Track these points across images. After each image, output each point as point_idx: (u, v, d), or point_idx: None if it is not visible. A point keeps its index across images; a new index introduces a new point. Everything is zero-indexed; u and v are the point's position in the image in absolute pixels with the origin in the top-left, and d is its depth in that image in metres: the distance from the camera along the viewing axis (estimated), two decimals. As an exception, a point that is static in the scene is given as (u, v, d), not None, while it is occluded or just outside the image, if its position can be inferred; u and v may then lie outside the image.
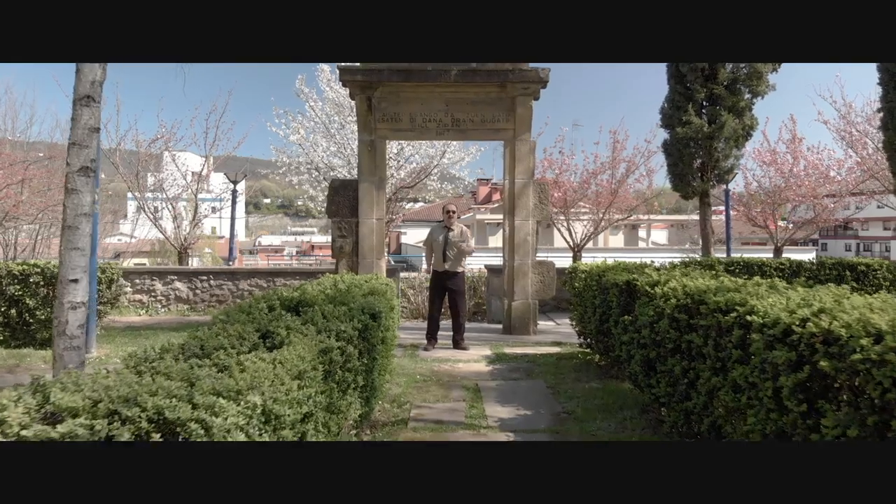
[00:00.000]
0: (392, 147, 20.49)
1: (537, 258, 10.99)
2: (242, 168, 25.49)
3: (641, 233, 49.35)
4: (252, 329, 4.18)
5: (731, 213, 34.30)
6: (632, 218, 25.30)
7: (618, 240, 45.70)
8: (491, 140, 11.08)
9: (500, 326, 11.64)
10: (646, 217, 34.53)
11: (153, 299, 14.38)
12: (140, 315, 14.06)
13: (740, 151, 13.50)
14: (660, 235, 54.91)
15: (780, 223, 23.86)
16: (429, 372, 7.74)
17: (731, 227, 22.51)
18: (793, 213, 24.25)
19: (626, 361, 5.76)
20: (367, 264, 10.71)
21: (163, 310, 14.33)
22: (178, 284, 14.37)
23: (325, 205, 11.83)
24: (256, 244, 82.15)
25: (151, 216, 20.43)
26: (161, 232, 20.86)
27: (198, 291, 14.35)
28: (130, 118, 45.37)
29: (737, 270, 9.95)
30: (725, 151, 13.13)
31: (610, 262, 8.06)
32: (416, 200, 46.11)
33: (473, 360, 8.49)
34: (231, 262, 21.55)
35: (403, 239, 54.87)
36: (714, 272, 5.34)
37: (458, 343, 9.35)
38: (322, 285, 6.53)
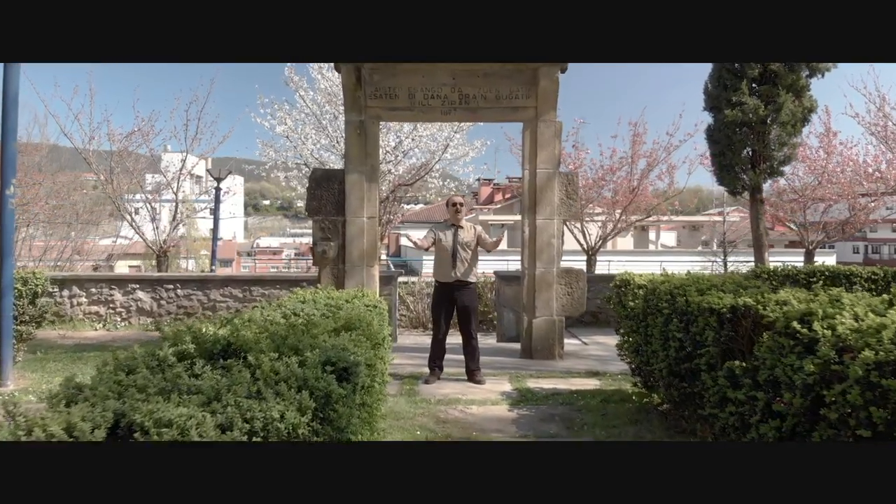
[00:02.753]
0: (389, 139, 18.54)
1: (562, 265, 9.02)
2: (228, 166, 23.43)
3: (651, 234, 47.31)
4: (108, 411, 2.24)
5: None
6: (651, 218, 23.29)
7: (626, 242, 43.64)
8: (507, 121, 9.11)
9: (516, 346, 9.66)
10: (665, 218, 32.55)
11: (112, 311, 12.40)
12: (97, 330, 12.09)
13: (797, 139, 11.46)
14: (668, 237, 52.90)
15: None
16: (433, 422, 5.74)
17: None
18: (825, 213, 22.26)
19: (739, 429, 3.77)
20: (355, 273, 8.74)
21: (123, 323, 12.35)
22: (140, 294, 12.38)
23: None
24: (255, 246, 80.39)
25: (128, 216, 18.64)
26: (139, 234, 19.16)
27: (163, 302, 12.36)
28: (104, 109, 39.10)
29: (820, 283, 7.98)
30: (781, 138, 11.10)
31: (671, 270, 6.11)
32: (417, 201, 44.15)
33: (490, 400, 6.50)
34: (214, 268, 19.60)
35: (403, 241, 52.92)
36: (889, 298, 3.36)
37: (473, 374, 7.34)
38: (281, 310, 4.55)
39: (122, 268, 34.66)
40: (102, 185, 18.43)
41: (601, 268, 23.88)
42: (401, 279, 15.72)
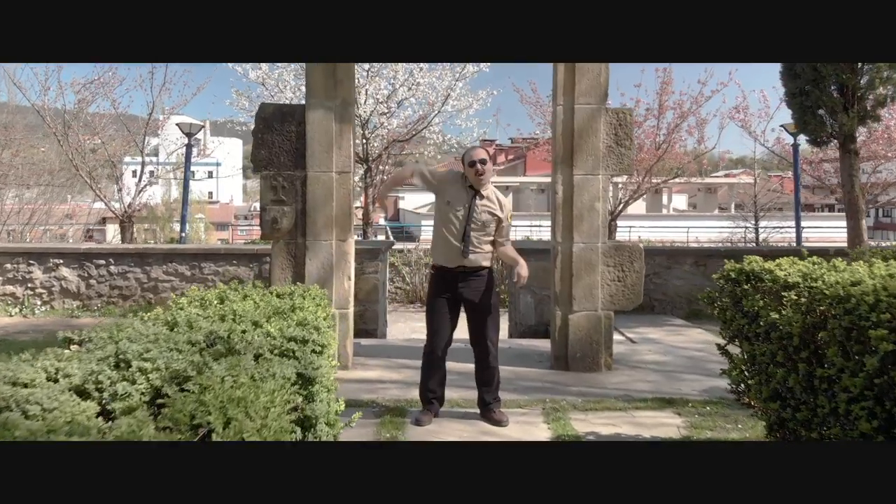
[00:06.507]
0: (380, 86, 15.99)
1: (610, 238, 6.52)
2: (196, 126, 20.89)
3: (663, 198, 44.54)
4: None
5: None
6: (679, 180, 20.71)
7: (639, 206, 40.91)
8: (534, 35, 6.49)
9: (540, 346, 7.21)
10: (682, 180, 29.88)
11: (30, 292, 9.92)
12: (11, 316, 9.64)
13: (899, 75, 8.72)
14: (679, 201, 50.18)
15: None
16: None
17: (800, 191, 18.16)
18: (873, 174, 19.74)
19: None
20: (320, 250, 6.22)
21: (43, 307, 9.87)
22: (64, 272, 9.88)
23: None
24: (252, 209, 78.12)
25: (88, 178, 16.33)
26: (100, 198, 17.01)
27: (92, 282, 9.86)
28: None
29: None
30: (880, 71, 8.42)
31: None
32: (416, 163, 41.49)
33: (520, 461, 4.05)
34: (184, 235, 17.09)
35: (402, 204, 50.26)
36: None
37: (490, 411, 4.78)
38: (105, 351, 2.08)
39: (113, 232, 32.65)
40: (59, 141, 16.14)
41: (621, 234, 21.39)
42: (398, 245, 13.45)
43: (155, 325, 2.65)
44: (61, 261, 9.90)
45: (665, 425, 4.63)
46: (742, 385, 3.82)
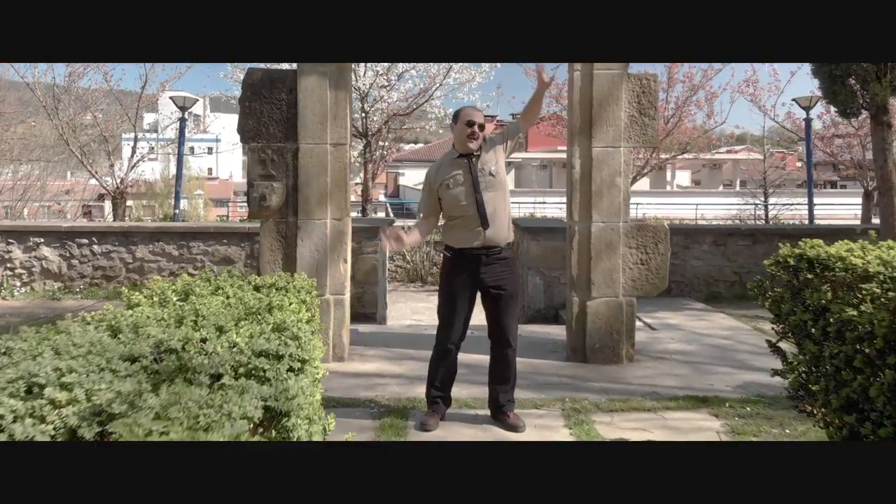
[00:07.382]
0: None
1: (630, 218, 5.96)
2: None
3: (667, 174, 43.81)
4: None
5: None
6: (688, 155, 20.05)
7: (641, 182, 40.21)
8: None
9: (552, 333, 6.70)
10: (691, 156, 29.20)
11: (10, 273, 9.37)
12: (-10, 298, 9.13)
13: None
14: (683, 177, 49.45)
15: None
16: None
17: (812, 168, 17.51)
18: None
19: None
20: (313, 229, 5.66)
21: (23, 289, 9.32)
22: (45, 251, 9.32)
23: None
24: (250, 186, 77.10)
25: (78, 153, 15.80)
26: (92, 174, 16.54)
27: (75, 262, 9.31)
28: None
29: None
30: (921, 37, 7.88)
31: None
32: (416, 141, 40.62)
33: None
34: (178, 212, 16.52)
35: (402, 181, 49.55)
36: None
37: (503, 414, 4.23)
38: None
39: (110, 208, 32.04)
40: (49, 115, 15.64)
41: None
42: (397, 223, 12.89)
43: (97, 330, 2.10)
44: (42, 240, 9.34)
45: (702, 430, 4.09)
46: (801, 390, 3.27)
